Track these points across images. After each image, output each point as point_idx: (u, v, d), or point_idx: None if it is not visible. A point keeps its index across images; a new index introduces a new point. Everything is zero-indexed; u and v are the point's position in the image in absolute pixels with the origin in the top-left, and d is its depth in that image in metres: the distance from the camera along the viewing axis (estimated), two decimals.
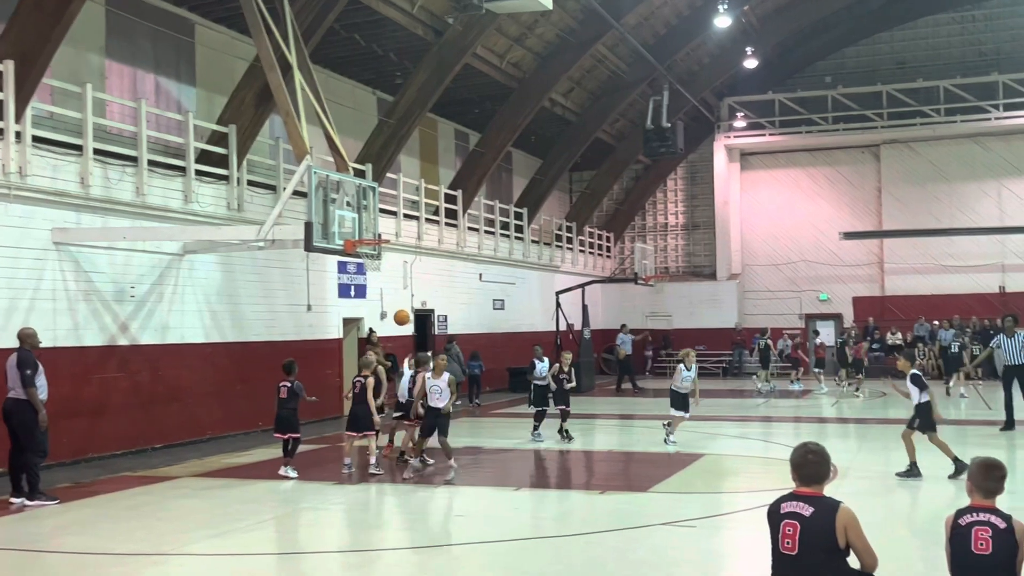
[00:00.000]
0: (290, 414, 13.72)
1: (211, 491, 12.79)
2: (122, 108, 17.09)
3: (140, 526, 10.54)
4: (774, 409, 23.17)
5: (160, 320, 16.85)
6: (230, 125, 18.13)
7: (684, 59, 32.24)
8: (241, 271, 18.77)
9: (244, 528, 10.43)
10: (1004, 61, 33.99)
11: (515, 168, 34.09)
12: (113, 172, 15.80)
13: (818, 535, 5.29)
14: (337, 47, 21.93)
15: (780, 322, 36.37)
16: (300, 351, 19.66)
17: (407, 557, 9.25)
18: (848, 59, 36.62)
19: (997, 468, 5.44)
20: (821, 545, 5.28)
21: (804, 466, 5.53)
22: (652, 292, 36.21)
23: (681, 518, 10.48)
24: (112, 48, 17.59)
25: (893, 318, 34.04)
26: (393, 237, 22.32)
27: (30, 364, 11.59)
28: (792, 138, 36.09)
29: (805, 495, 5.45)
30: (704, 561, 8.96)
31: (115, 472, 14.22)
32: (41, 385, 11.72)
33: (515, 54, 26.38)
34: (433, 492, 12.76)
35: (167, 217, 16.80)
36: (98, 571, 8.60)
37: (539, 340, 30.92)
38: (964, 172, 34.32)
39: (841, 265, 35.94)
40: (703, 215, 38.33)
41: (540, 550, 9.28)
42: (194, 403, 17.47)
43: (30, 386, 11.50)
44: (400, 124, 22.64)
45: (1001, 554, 5.15)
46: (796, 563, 5.33)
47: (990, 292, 33.72)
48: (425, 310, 25.38)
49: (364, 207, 15.82)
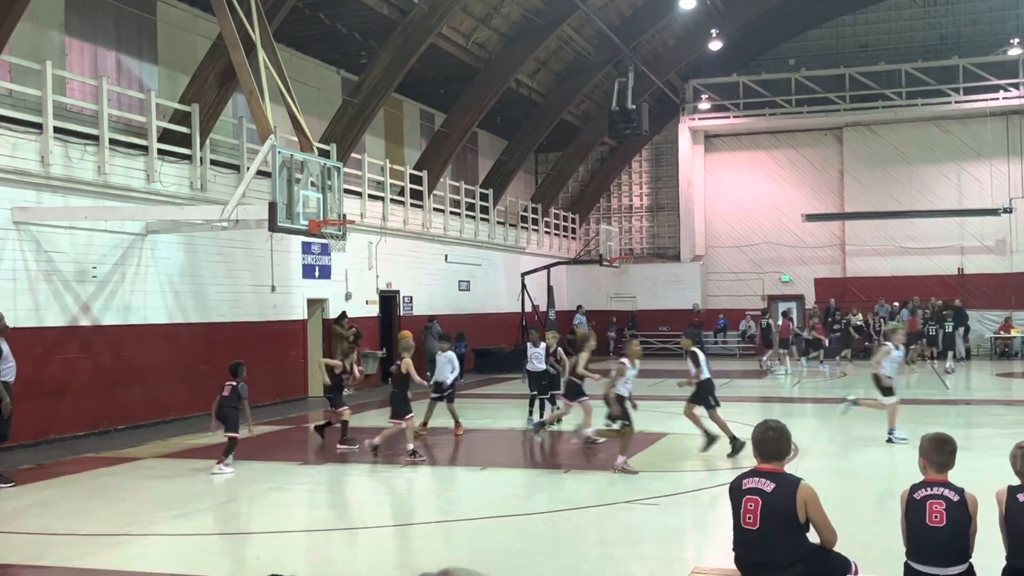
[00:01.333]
0: (231, 412, 12.70)
1: (175, 472, 12.74)
2: (83, 86, 16.86)
3: (102, 507, 10.50)
4: (735, 389, 23.41)
5: (123, 301, 16.71)
6: (193, 104, 17.95)
7: (649, 41, 32.29)
8: (204, 251, 18.64)
9: (208, 508, 10.42)
10: (964, 45, 34.42)
11: (481, 149, 34.04)
12: (74, 151, 15.61)
13: (779, 510, 5.40)
14: (301, 26, 21.75)
15: (743, 303, 36.75)
16: (264, 332, 19.63)
17: (371, 536, 9.29)
18: (812, 42, 36.88)
19: (948, 443, 5.60)
20: (782, 520, 5.40)
21: (765, 443, 5.65)
22: (617, 273, 36.40)
23: (644, 496, 10.60)
24: (72, 25, 17.33)
25: (854, 299, 34.46)
26: (358, 218, 22.27)
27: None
28: (756, 120, 36.33)
29: (766, 471, 5.57)
30: (667, 537, 9.08)
31: (77, 453, 14.12)
32: (8, 368, 11.60)
33: (481, 34, 26.30)
34: (398, 472, 12.80)
35: (129, 197, 16.63)
36: (60, 552, 8.56)
37: (504, 322, 31.10)
38: (924, 155, 34.76)
39: (803, 247, 36.31)
40: (668, 197, 38.52)
41: (505, 528, 9.36)
42: (157, 384, 17.37)
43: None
44: (365, 104, 22.51)
45: (955, 526, 5.31)
46: (757, 537, 5.45)
47: (949, 274, 34.24)
48: (391, 291, 25.34)
49: (329, 187, 15.77)
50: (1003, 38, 33.03)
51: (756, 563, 5.53)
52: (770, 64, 36.77)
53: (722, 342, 36.10)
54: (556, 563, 8.01)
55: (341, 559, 8.56)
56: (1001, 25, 34.15)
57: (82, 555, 8.48)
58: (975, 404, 20.05)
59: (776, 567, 5.43)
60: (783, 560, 5.42)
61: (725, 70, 36.24)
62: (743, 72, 36.46)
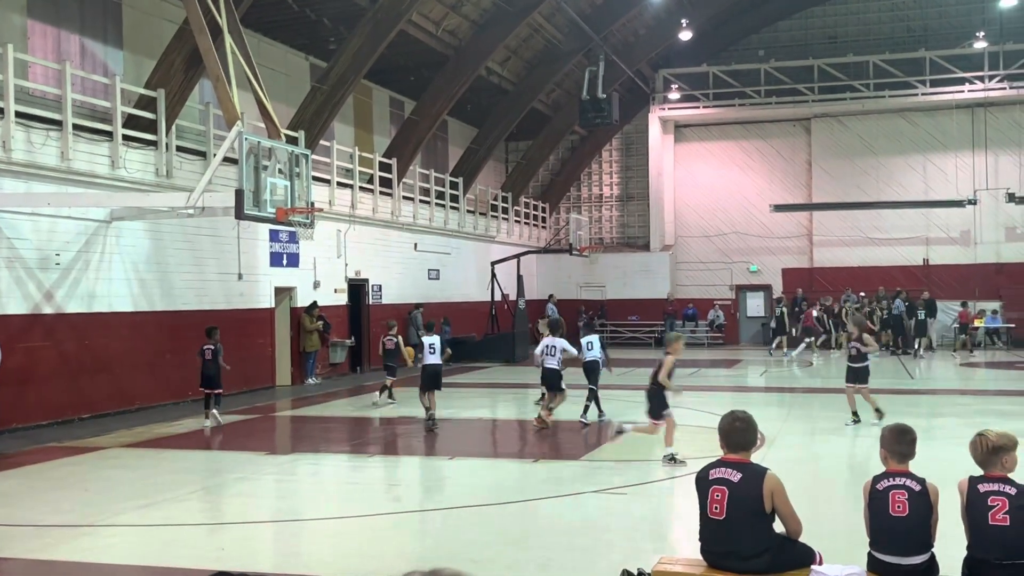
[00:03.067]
0: (217, 371, 15.61)
1: (140, 461, 12.63)
2: (46, 70, 16.60)
3: (66, 497, 10.39)
4: (703, 378, 23.54)
5: (87, 288, 16.51)
6: (159, 89, 17.73)
7: (620, 30, 32.30)
8: (170, 239, 18.45)
9: (174, 499, 10.33)
10: (931, 38, 34.72)
11: (451, 137, 33.92)
12: (36, 136, 15.37)
13: (745, 500, 5.44)
14: (269, 11, 21.51)
15: (711, 292, 36.99)
16: (231, 320, 19.47)
17: (337, 527, 9.25)
18: (781, 33, 37.05)
19: (907, 433, 5.67)
20: (748, 510, 5.43)
21: (731, 433, 5.67)
22: (586, 263, 36.47)
23: (612, 486, 10.63)
24: (35, 7, 17.05)
25: (821, 289, 34.74)
26: (326, 205, 22.12)
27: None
28: (726, 111, 36.45)
29: (733, 462, 5.59)
30: (634, 526, 9.11)
31: (41, 443, 13.96)
32: None
33: (451, 21, 26.17)
34: (366, 462, 12.75)
35: (93, 183, 16.42)
36: (24, 543, 8.45)
37: (475, 311, 31.04)
38: (891, 146, 35.06)
39: (771, 237, 36.53)
40: (637, 187, 38.60)
41: (473, 518, 9.36)
42: (122, 373, 17.19)
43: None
44: (334, 91, 22.34)
45: (917, 515, 5.37)
46: (724, 527, 5.48)
47: (915, 264, 34.60)
48: (359, 279, 25.23)
49: (297, 175, 15.64)
50: (969, 31, 33.35)
51: (722, 553, 5.56)
52: (740, 55, 36.91)
53: (691, 331, 36.29)
54: (525, 553, 8.01)
55: (307, 550, 8.51)
56: (967, 18, 34.48)
57: (46, 546, 8.38)
58: (940, 394, 20.28)
59: (742, 557, 5.46)
60: (749, 550, 5.45)
61: (695, 60, 36.33)
62: (713, 62, 36.56)
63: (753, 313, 36.85)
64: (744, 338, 36.79)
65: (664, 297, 36.24)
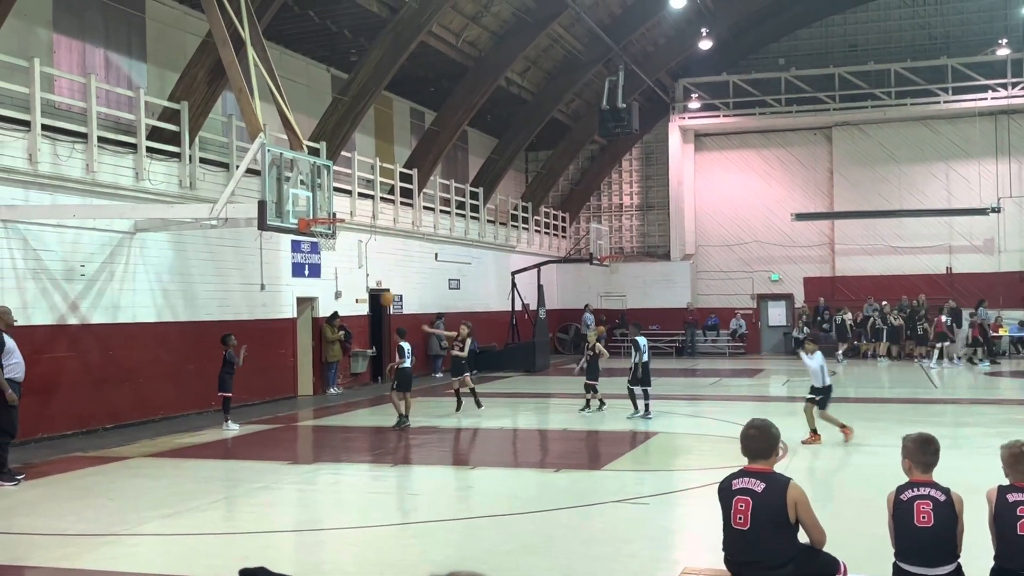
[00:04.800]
0: (225, 377, 16.38)
1: (163, 471, 12.70)
2: (71, 83, 16.78)
3: (91, 506, 10.46)
4: (724, 388, 23.44)
5: (111, 299, 16.64)
6: (182, 102, 17.88)
7: (640, 39, 32.30)
8: (193, 250, 18.58)
9: (197, 508, 10.39)
10: (953, 45, 34.53)
11: (471, 147, 34.01)
12: (62, 148, 15.53)
13: (769, 511, 5.41)
14: (291, 23, 21.69)
15: (733, 302, 36.83)
16: (254, 330, 19.57)
17: (360, 536, 9.27)
18: (801, 41, 36.94)
19: (932, 443, 5.64)
20: (772, 520, 5.40)
21: (748, 441, 5.66)
22: (607, 272, 36.42)
23: (634, 495, 10.61)
24: (60, 22, 17.25)
25: (843, 298, 34.54)
26: (348, 216, 22.22)
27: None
28: (746, 119, 36.37)
29: (756, 471, 5.57)
30: (656, 537, 9.09)
31: (65, 452, 14.07)
32: (15, 364, 11.59)
33: (471, 32, 26.27)
34: (388, 471, 12.78)
35: (118, 195, 16.56)
36: (49, 552, 8.52)
37: (495, 320, 31.07)
38: (913, 154, 34.86)
39: (793, 246, 36.37)
40: (658, 196, 38.55)
41: (494, 528, 9.36)
42: (146, 383, 17.30)
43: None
44: (355, 102, 22.46)
45: (942, 526, 5.34)
46: (747, 538, 5.45)
47: (938, 273, 34.36)
48: (380, 289, 25.30)
49: (318, 185, 15.74)
50: (992, 38, 33.14)
51: (746, 563, 5.53)
52: (760, 63, 36.83)
53: (712, 340, 36.22)
54: (546, 563, 8.01)
55: (329, 559, 8.54)
56: (989, 25, 34.26)
57: (70, 555, 8.44)
58: (963, 404, 20.12)
59: (766, 567, 5.44)
60: (773, 560, 5.42)
61: (715, 69, 36.27)
62: (733, 71, 36.49)
63: (775, 322, 36.66)
64: (766, 348, 36.61)
65: (684, 307, 36.15)
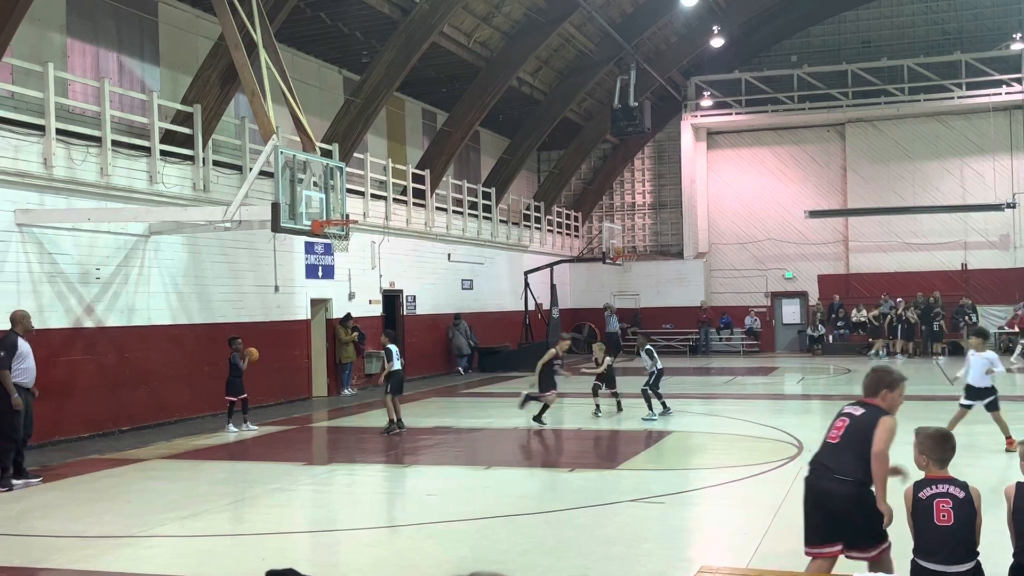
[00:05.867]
0: (231, 381, 16.41)
1: (179, 473, 12.76)
2: (85, 88, 16.86)
3: (108, 508, 10.51)
4: (738, 386, 23.38)
5: (126, 302, 16.72)
6: (195, 105, 17.95)
7: (651, 38, 32.26)
8: (208, 252, 18.65)
9: (213, 509, 10.43)
10: (967, 40, 34.35)
11: (483, 148, 34.03)
12: (76, 152, 15.62)
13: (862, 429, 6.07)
14: (302, 25, 21.74)
15: (747, 300, 36.76)
16: (268, 332, 19.64)
17: (376, 536, 9.29)
18: (814, 38, 36.81)
19: (949, 439, 5.62)
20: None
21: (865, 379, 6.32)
22: (620, 271, 36.37)
23: (649, 494, 10.59)
24: (74, 26, 17.33)
25: (858, 295, 34.42)
26: (361, 217, 22.26)
27: (5, 346, 11.48)
28: (758, 117, 36.26)
29: (861, 402, 6.20)
30: (672, 536, 9.07)
31: (82, 455, 14.14)
32: (25, 368, 11.64)
33: (482, 33, 26.28)
34: (403, 471, 12.79)
35: (132, 198, 16.64)
36: (67, 554, 8.57)
37: (508, 320, 31.08)
38: (927, 150, 34.69)
39: (806, 243, 36.25)
40: (670, 194, 38.49)
41: (509, 528, 9.36)
42: (161, 385, 17.38)
43: (3, 368, 11.40)
44: (367, 103, 22.51)
45: (962, 523, 5.31)
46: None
47: (953, 269, 34.19)
48: (394, 290, 25.34)
49: (331, 187, 15.77)
50: (1005, 33, 32.96)
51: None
52: (772, 60, 36.73)
53: (726, 339, 36.14)
54: (561, 563, 8.00)
55: (345, 560, 8.56)
56: (1003, 20, 34.07)
57: (88, 557, 8.49)
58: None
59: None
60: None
61: (727, 67, 36.18)
62: (745, 69, 36.40)
63: (789, 320, 36.56)
64: (780, 346, 36.50)
65: (697, 305, 36.09)
